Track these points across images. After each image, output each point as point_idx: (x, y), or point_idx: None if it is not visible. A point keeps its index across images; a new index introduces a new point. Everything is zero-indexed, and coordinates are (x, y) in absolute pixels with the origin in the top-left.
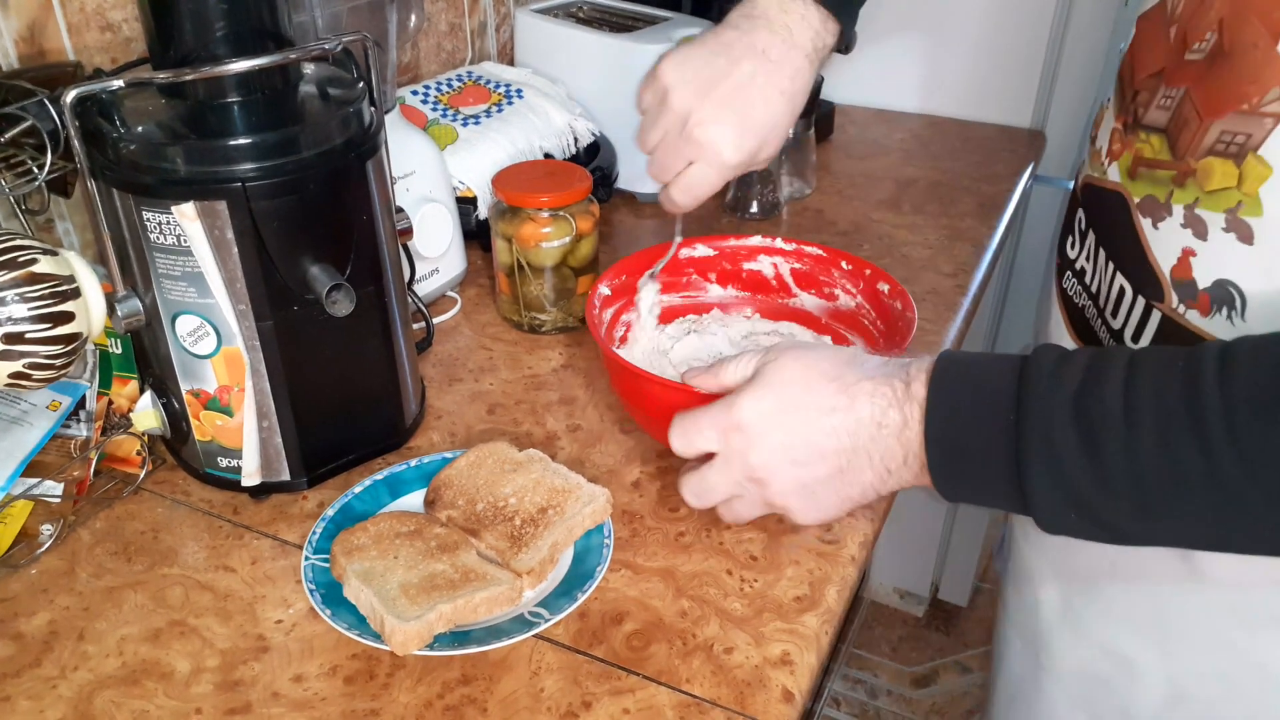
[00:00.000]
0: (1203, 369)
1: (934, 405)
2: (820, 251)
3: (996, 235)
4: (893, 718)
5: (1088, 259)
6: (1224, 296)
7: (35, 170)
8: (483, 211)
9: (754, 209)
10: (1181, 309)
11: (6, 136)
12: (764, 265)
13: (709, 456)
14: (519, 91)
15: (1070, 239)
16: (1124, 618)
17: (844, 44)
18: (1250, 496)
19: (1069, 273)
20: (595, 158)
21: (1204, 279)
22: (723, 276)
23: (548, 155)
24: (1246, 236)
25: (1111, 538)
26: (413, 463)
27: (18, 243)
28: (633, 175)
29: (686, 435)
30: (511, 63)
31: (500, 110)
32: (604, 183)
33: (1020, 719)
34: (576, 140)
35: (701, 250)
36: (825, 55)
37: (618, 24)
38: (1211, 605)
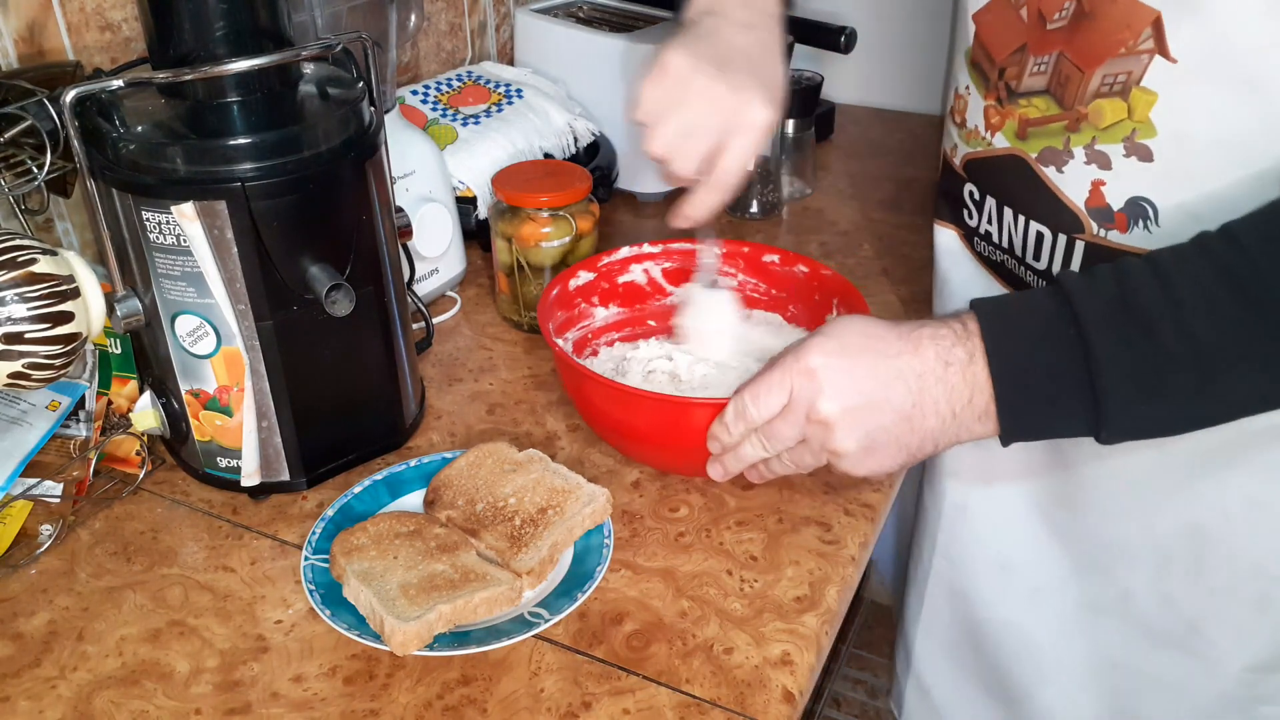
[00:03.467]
0: (1216, 247)
1: (993, 344)
2: (688, 245)
3: None
4: (892, 719)
5: (990, 222)
6: (1138, 211)
7: (35, 170)
8: (482, 211)
9: (754, 209)
10: (1102, 233)
11: (6, 136)
12: (636, 274)
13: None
14: (519, 91)
15: (965, 211)
16: (1105, 505)
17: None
18: None
19: (976, 238)
20: (595, 157)
21: (1117, 201)
22: (604, 296)
23: (547, 155)
24: (1147, 156)
25: (1171, 423)
26: (412, 463)
27: (17, 242)
28: (633, 175)
29: (757, 394)
30: (511, 62)
31: (500, 110)
32: (604, 182)
33: (1017, 644)
34: (576, 140)
35: (584, 276)
36: (785, 23)
37: (618, 24)
38: (1178, 470)
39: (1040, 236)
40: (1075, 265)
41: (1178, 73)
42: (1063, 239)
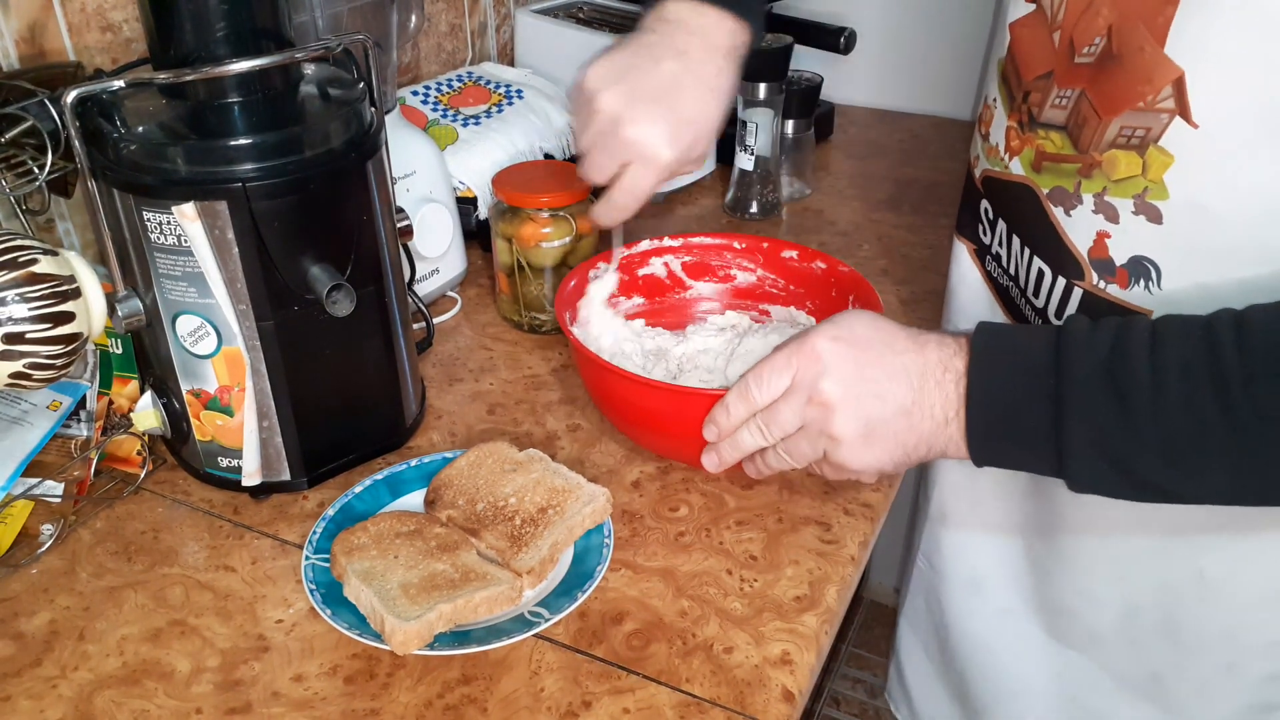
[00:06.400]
0: (1221, 338)
1: (975, 368)
2: (708, 240)
3: None
4: (892, 718)
5: (1001, 245)
6: (1140, 271)
7: (36, 170)
8: (483, 211)
9: (754, 209)
10: (1102, 284)
11: (7, 137)
12: (656, 267)
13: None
14: (519, 92)
15: (980, 226)
16: (1080, 547)
17: (755, 45)
18: (1268, 452)
19: (988, 256)
20: None
21: (1120, 257)
22: (624, 287)
23: (548, 155)
24: (1156, 217)
25: (1135, 492)
26: (413, 462)
27: (18, 243)
28: None
29: (760, 376)
30: (512, 63)
31: (500, 111)
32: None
33: (984, 659)
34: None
35: (604, 268)
36: (743, 55)
37: (618, 24)
38: (1157, 529)
39: (1041, 274)
40: (1072, 312)
41: (1199, 139)
42: (1062, 282)
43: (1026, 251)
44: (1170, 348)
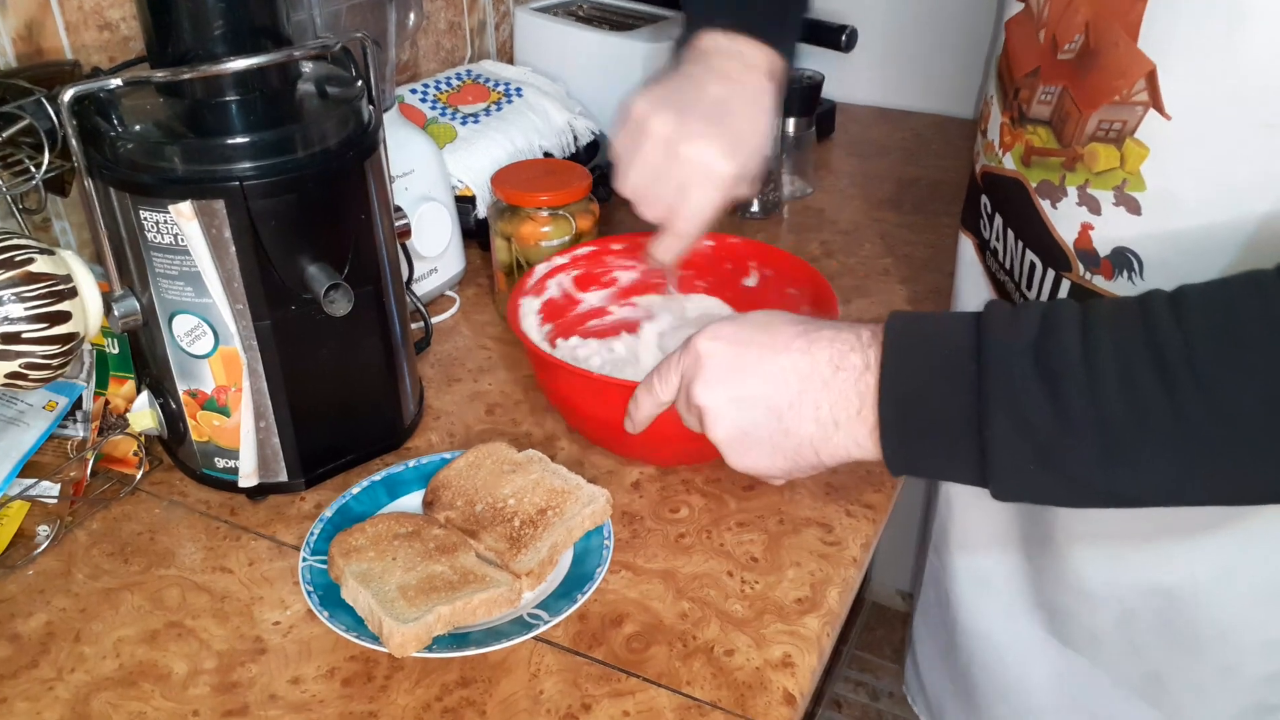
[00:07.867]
0: (1157, 312)
1: (889, 360)
2: (589, 248)
3: None
4: (896, 719)
5: (998, 239)
6: (1123, 261)
7: (32, 169)
8: (482, 210)
9: (754, 208)
10: (1088, 276)
11: (4, 135)
12: (553, 290)
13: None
14: (518, 90)
15: (981, 222)
16: (1074, 549)
17: (790, 74)
18: (1215, 433)
19: (987, 251)
20: (595, 156)
21: (1103, 248)
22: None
23: (547, 154)
24: (1134, 209)
25: (1067, 495)
26: (411, 463)
27: (14, 242)
28: None
29: (663, 373)
30: (511, 61)
31: (499, 109)
32: (604, 182)
33: (989, 655)
34: (576, 139)
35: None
36: (781, 80)
37: (617, 22)
38: (1149, 531)
39: (1033, 266)
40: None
41: (1172, 130)
42: (1051, 274)
43: (1020, 244)
44: (1103, 323)
